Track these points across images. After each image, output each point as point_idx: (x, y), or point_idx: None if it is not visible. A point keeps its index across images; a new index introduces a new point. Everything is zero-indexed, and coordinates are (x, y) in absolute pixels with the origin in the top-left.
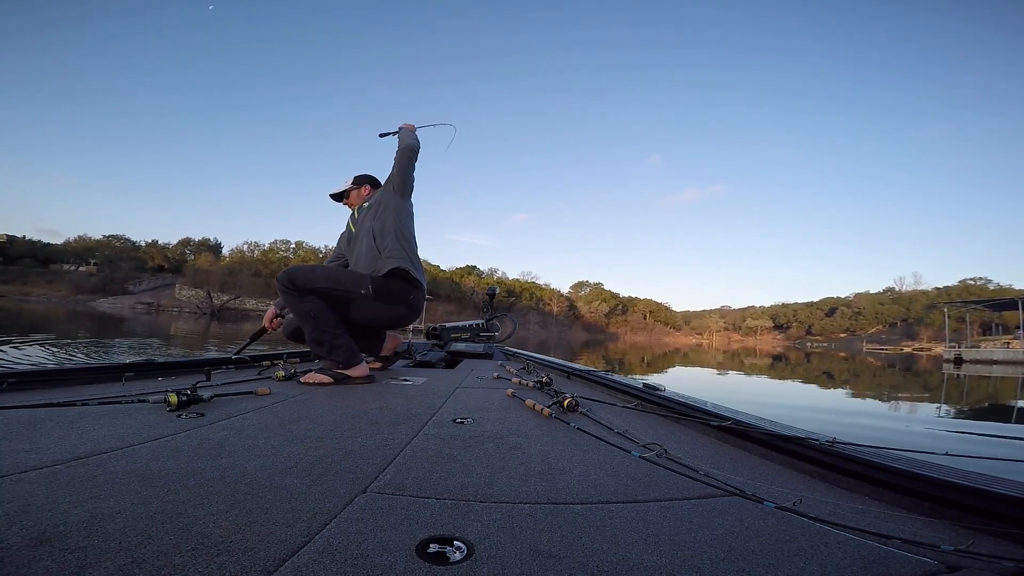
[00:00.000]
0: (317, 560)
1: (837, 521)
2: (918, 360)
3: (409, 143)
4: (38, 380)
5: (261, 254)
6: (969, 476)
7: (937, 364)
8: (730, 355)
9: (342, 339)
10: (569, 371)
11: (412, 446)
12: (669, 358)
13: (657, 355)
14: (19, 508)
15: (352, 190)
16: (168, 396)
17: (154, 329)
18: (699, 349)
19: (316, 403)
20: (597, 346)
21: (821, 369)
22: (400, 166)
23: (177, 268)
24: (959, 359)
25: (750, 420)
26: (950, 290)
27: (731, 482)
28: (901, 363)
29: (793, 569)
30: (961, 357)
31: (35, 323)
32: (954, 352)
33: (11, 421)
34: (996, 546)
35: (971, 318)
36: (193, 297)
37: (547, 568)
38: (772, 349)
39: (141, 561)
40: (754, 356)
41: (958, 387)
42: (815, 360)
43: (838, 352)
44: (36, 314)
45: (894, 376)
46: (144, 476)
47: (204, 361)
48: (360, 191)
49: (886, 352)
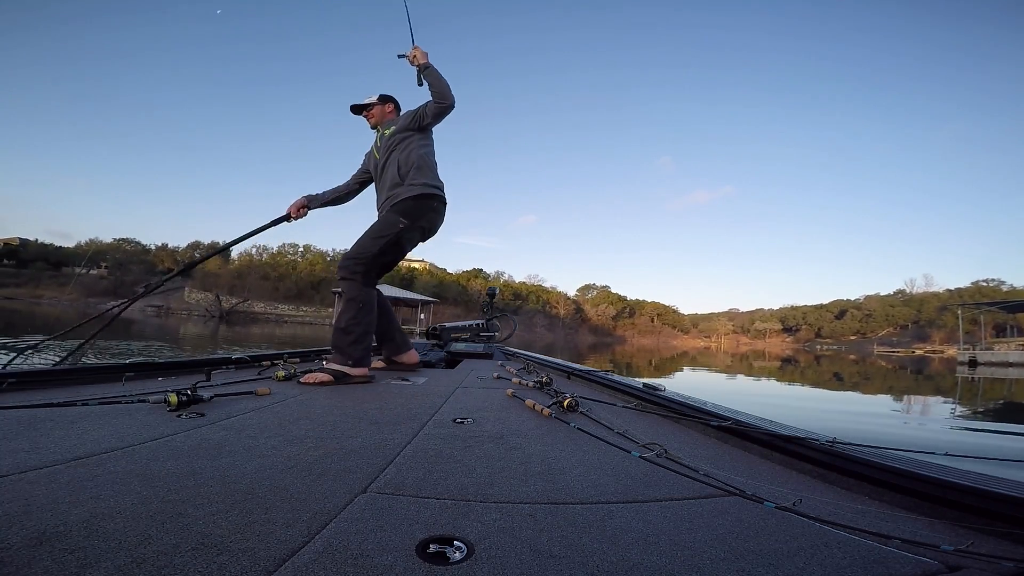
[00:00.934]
0: (317, 560)
1: (837, 521)
2: (930, 362)
3: (450, 102)
4: (38, 380)
5: (269, 257)
6: (969, 476)
7: (950, 366)
8: (739, 358)
9: (368, 339)
10: (569, 371)
11: (412, 446)
12: (677, 361)
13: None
14: (19, 508)
15: (376, 105)
16: (168, 396)
17: (163, 332)
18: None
19: (316, 403)
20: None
21: (831, 372)
22: (436, 117)
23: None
24: (974, 361)
25: (750, 420)
26: (962, 292)
27: (731, 482)
28: (913, 365)
29: (793, 569)
30: (976, 359)
31: (48, 325)
32: (968, 354)
33: (11, 421)
34: (996, 546)
35: (985, 320)
36: (202, 300)
37: (547, 568)
38: (781, 352)
39: (141, 561)
40: (763, 359)
41: (972, 389)
42: (825, 363)
43: (848, 354)
44: (48, 316)
45: (907, 379)
46: (144, 476)
47: (204, 361)
48: (384, 108)
49: (897, 354)
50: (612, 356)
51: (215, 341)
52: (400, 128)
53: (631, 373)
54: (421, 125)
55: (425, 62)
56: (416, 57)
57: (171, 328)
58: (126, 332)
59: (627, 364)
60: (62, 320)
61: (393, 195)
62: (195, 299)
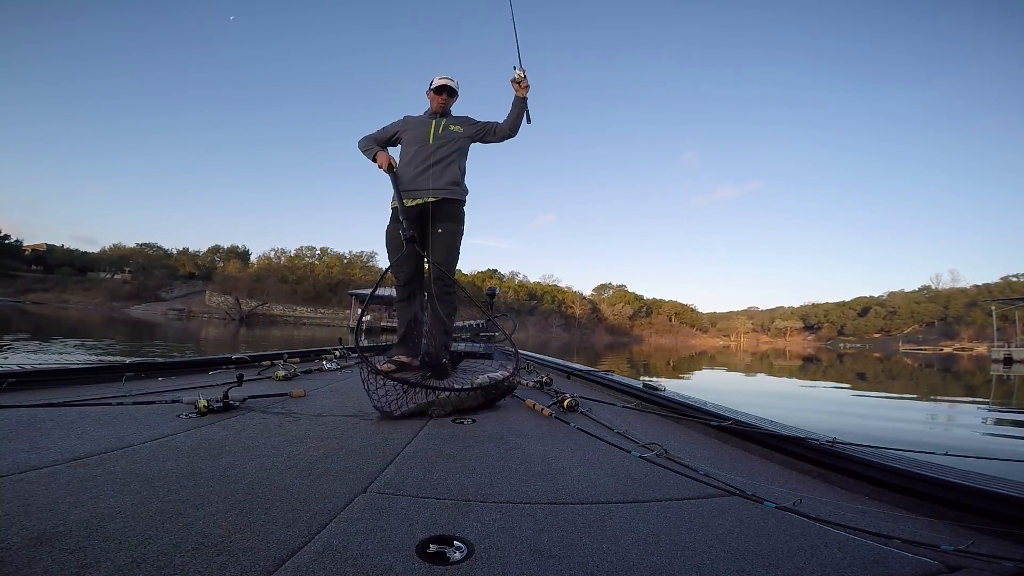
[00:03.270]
0: (317, 560)
1: (837, 521)
2: (959, 360)
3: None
4: (38, 380)
5: (287, 260)
6: (969, 476)
7: (981, 364)
8: (759, 357)
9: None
10: (569, 371)
11: (412, 446)
12: (696, 360)
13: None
14: (19, 508)
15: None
16: (198, 403)
17: (185, 334)
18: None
19: (316, 403)
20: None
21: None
22: (498, 140)
23: (207, 275)
24: (1009, 359)
25: (750, 420)
26: (991, 287)
27: (731, 482)
28: (941, 364)
29: (793, 569)
30: (1012, 357)
31: (74, 328)
32: (1003, 352)
33: (11, 421)
34: (996, 546)
35: (1020, 316)
36: (222, 303)
37: (547, 568)
38: (803, 350)
39: (141, 561)
40: (784, 358)
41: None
42: (848, 361)
43: (872, 353)
44: (74, 320)
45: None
46: (144, 476)
47: (203, 361)
48: (451, 100)
49: (924, 352)
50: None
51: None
52: (467, 134)
53: (650, 373)
54: (482, 139)
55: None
56: (523, 86)
57: (193, 331)
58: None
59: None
60: (87, 323)
61: (450, 191)
62: (216, 302)
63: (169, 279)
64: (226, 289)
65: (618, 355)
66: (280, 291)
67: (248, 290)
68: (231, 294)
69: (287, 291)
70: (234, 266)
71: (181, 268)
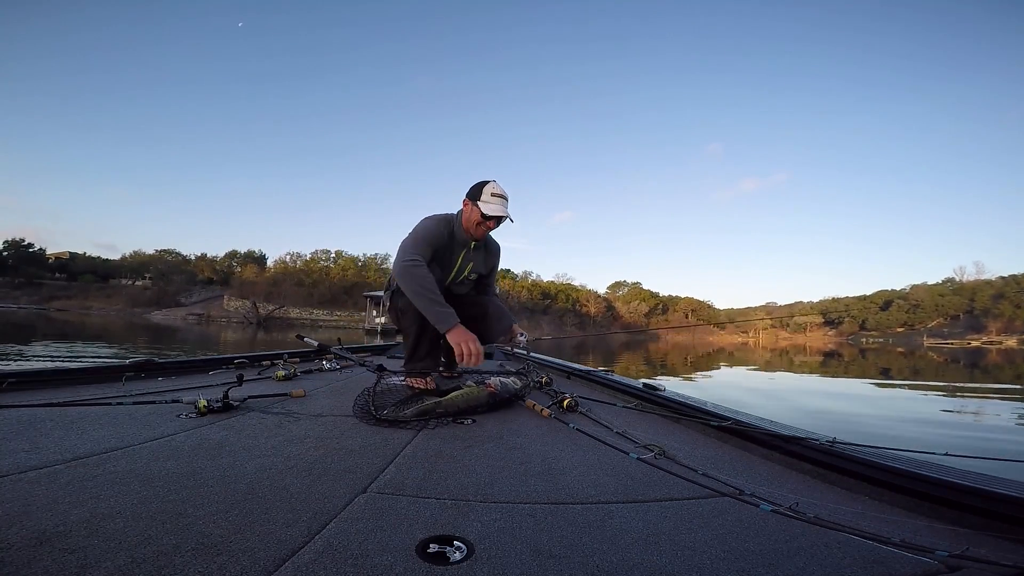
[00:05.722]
0: (317, 560)
1: (837, 521)
2: (987, 355)
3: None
4: (38, 380)
5: (303, 264)
6: (969, 476)
7: (1009, 358)
8: (779, 353)
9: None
10: (569, 371)
11: (412, 446)
12: (714, 358)
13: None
14: (19, 508)
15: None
16: (198, 403)
17: (205, 338)
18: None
19: (316, 403)
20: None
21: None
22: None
23: (225, 280)
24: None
25: (750, 420)
26: (1018, 279)
27: (731, 482)
28: (968, 358)
29: (793, 569)
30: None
31: (97, 334)
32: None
33: (11, 421)
34: (996, 547)
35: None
36: (240, 308)
37: (547, 568)
38: (824, 346)
39: (141, 561)
40: (804, 354)
41: None
42: (871, 356)
43: (896, 347)
44: (97, 326)
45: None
46: (144, 476)
47: (203, 361)
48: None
49: (950, 346)
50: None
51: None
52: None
53: (668, 372)
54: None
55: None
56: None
57: (212, 335)
58: (170, 340)
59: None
60: (109, 329)
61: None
62: (234, 307)
63: (188, 284)
64: (244, 294)
65: (634, 353)
66: (296, 294)
67: (265, 294)
68: (248, 298)
69: (303, 294)
70: (251, 271)
71: (200, 273)
